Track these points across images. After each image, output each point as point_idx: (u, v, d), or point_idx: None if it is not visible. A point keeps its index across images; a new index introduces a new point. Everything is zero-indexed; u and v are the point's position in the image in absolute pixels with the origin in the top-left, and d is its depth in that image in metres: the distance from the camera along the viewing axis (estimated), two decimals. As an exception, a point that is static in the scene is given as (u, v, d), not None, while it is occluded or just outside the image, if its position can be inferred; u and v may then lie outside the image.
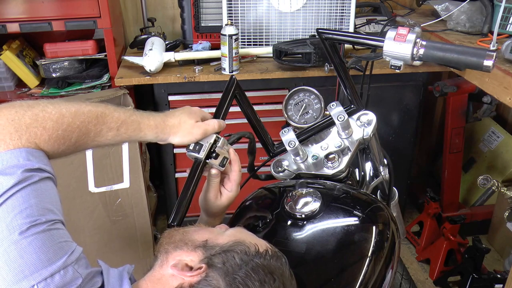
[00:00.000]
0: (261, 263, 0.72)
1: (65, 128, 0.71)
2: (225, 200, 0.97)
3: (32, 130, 0.67)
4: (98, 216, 1.79)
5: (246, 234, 0.80)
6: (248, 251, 0.73)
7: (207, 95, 1.90)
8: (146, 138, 0.85)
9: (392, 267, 0.89)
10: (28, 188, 0.63)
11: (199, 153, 0.89)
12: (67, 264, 0.62)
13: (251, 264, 0.71)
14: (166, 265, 0.73)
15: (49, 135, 0.69)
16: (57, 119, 0.70)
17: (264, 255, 0.74)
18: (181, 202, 0.89)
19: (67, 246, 0.64)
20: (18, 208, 0.61)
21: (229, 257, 0.72)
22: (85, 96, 1.81)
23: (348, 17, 1.92)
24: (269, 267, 0.72)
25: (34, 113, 0.68)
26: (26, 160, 0.65)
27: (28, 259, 0.59)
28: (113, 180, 1.76)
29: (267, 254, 0.74)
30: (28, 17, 1.74)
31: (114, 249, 1.86)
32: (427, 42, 0.92)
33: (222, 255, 0.72)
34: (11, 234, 0.60)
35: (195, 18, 1.96)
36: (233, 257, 0.72)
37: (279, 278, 0.72)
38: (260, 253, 0.74)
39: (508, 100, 1.39)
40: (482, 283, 1.93)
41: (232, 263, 0.71)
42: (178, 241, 0.77)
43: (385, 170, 1.31)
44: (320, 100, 1.17)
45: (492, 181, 1.98)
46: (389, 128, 2.07)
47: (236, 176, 0.97)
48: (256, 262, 0.72)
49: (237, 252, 0.72)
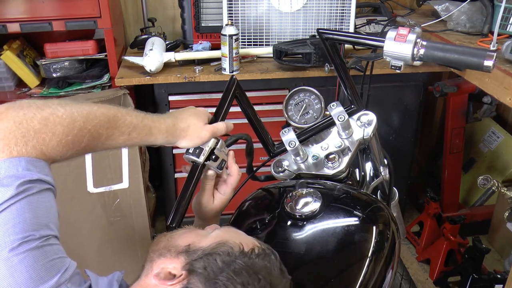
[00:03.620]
0: (244, 263, 0.69)
1: (76, 133, 0.67)
2: (218, 204, 0.96)
3: (40, 136, 0.63)
4: (96, 217, 1.78)
5: (232, 234, 0.77)
6: (231, 251, 0.70)
7: (208, 95, 1.90)
8: (156, 142, 0.83)
9: (392, 267, 0.89)
10: (23, 200, 0.60)
11: (199, 157, 0.89)
12: (60, 283, 0.60)
13: (233, 266, 0.68)
14: (151, 274, 0.71)
15: (58, 141, 0.65)
16: (68, 124, 0.66)
17: (250, 254, 0.71)
18: (179, 203, 0.89)
19: (61, 263, 0.61)
20: (11, 223, 0.58)
21: (211, 261, 0.69)
22: (85, 96, 1.81)
23: (349, 17, 1.92)
24: (253, 266, 0.70)
25: (43, 116, 0.64)
26: (25, 170, 0.61)
27: (19, 278, 0.57)
28: (112, 181, 1.76)
29: (252, 253, 0.72)
30: (29, 17, 1.74)
31: (113, 250, 1.86)
32: (428, 42, 0.92)
33: (204, 259, 0.69)
34: (1, 251, 0.57)
35: (195, 18, 1.96)
36: (215, 260, 0.69)
37: (266, 277, 0.70)
38: (244, 253, 0.71)
39: (508, 100, 1.39)
40: (482, 283, 1.93)
41: (213, 267, 0.68)
42: (162, 248, 0.75)
43: (385, 170, 1.31)
44: (320, 100, 1.17)
45: (492, 181, 1.98)
46: (389, 128, 2.07)
47: (234, 180, 0.96)
48: (239, 263, 0.69)
49: (219, 254, 0.70)
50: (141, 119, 0.79)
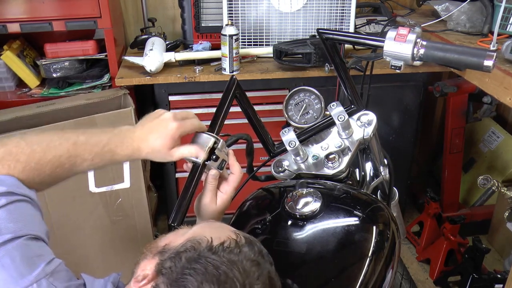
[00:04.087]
0: (206, 258, 0.66)
1: (37, 162, 0.75)
2: (220, 204, 0.94)
3: (5, 163, 0.72)
4: (98, 216, 1.79)
5: (207, 228, 0.75)
6: (197, 247, 0.68)
7: (208, 95, 1.90)
8: (122, 162, 0.85)
9: (392, 267, 0.89)
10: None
11: (199, 157, 0.89)
12: (39, 277, 0.62)
13: (195, 264, 0.65)
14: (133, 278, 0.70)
15: (23, 167, 0.73)
16: (29, 153, 0.74)
17: (216, 248, 0.68)
18: (181, 203, 0.89)
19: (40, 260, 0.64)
20: None
21: (177, 259, 0.67)
22: (85, 96, 1.81)
23: (349, 17, 1.93)
24: (215, 261, 0.66)
25: (7, 149, 0.73)
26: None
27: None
28: (114, 180, 1.76)
29: (220, 246, 0.68)
30: (29, 17, 1.74)
31: (115, 249, 1.86)
32: (428, 42, 0.92)
33: (171, 259, 0.67)
34: None
35: (195, 18, 1.96)
36: (180, 258, 0.67)
37: (227, 272, 0.65)
38: (210, 247, 0.68)
39: (508, 100, 1.39)
40: (482, 283, 1.93)
41: (178, 265, 0.66)
42: (146, 250, 0.74)
43: (385, 170, 1.32)
44: (320, 100, 1.17)
45: (492, 181, 1.98)
46: (389, 128, 2.07)
47: (236, 178, 0.95)
48: (202, 259, 0.66)
49: (185, 251, 0.68)
50: (102, 145, 0.81)
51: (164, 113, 0.86)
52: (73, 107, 1.71)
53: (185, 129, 0.85)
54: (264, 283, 0.68)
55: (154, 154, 0.84)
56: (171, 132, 0.83)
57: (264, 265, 0.70)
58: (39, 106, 1.72)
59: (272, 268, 0.72)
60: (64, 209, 1.67)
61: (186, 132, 0.85)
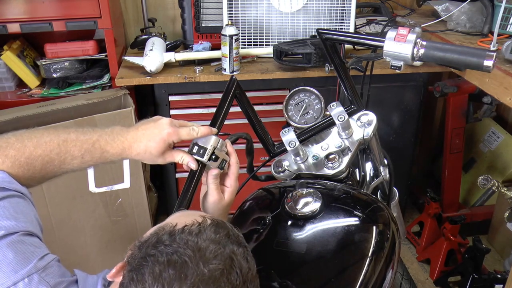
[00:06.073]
0: (168, 243, 0.64)
1: (28, 156, 0.76)
2: (228, 197, 0.95)
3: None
4: (98, 216, 1.79)
5: (177, 216, 0.73)
6: (160, 233, 0.66)
7: (208, 95, 1.90)
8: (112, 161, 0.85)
9: (392, 267, 0.89)
10: None
11: (203, 157, 0.88)
12: (31, 272, 0.63)
13: (152, 250, 0.64)
14: None
15: (12, 162, 0.74)
16: (18, 148, 0.75)
17: (177, 232, 0.66)
18: (181, 203, 0.89)
19: (33, 255, 0.65)
20: None
21: (141, 248, 0.66)
22: (85, 96, 1.81)
23: (349, 17, 1.93)
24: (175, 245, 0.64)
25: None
26: None
27: None
28: (114, 180, 1.77)
29: (181, 230, 0.66)
30: (29, 18, 1.74)
31: (115, 249, 1.87)
32: (428, 42, 0.92)
33: (138, 247, 0.66)
34: None
35: (195, 19, 1.96)
36: (143, 246, 0.65)
37: (182, 253, 0.63)
38: (170, 232, 0.66)
39: (508, 100, 1.39)
40: (482, 283, 1.93)
41: (139, 253, 0.65)
42: None
43: (386, 170, 1.32)
44: (320, 100, 1.17)
45: (492, 182, 1.98)
46: (390, 128, 2.07)
47: (235, 169, 0.94)
48: (161, 245, 0.64)
49: (149, 239, 0.66)
50: (92, 142, 0.81)
51: (161, 119, 0.87)
52: (73, 107, 1.71)
53: (179, 136, 0.86)
54: (223, 262, 0.64)
55: (144, 155, 0.85)
56: (164, 137, 0.84)
57: (226, 245, 0.67)
58: (39, 106, 1.72)
59: (239, 250, 0.68)
60: (64, 209, 1.67)
61: (180, 139, 0.87)
